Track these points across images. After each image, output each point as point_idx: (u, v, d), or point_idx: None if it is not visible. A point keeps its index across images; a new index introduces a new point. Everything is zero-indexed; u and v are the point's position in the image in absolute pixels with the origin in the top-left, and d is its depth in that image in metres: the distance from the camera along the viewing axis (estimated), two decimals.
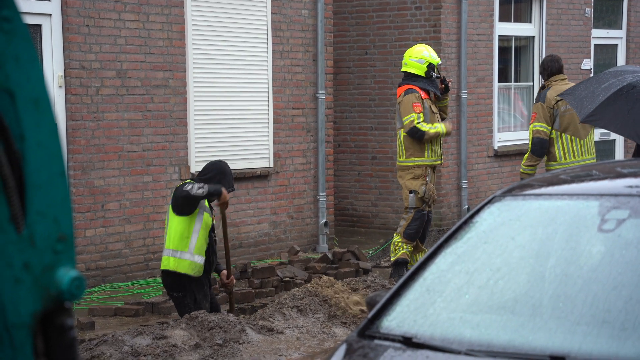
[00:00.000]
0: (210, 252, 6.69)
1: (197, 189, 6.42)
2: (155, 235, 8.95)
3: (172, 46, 8.99)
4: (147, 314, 7.50)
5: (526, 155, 8.67)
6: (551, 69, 8.68)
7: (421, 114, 8.51)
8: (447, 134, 8.69)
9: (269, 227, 10.00)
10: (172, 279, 6.61)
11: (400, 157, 8.72)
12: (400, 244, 8.68)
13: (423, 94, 8.60)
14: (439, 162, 8.76)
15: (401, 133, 8.63)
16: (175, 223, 6.58)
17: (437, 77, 8.68)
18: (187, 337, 6.17)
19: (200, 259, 6.59)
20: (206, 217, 6.64)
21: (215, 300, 6.94)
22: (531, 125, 8.58)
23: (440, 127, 8.59)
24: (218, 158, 7.48)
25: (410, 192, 8.61)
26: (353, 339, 3.11)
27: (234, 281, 7.12)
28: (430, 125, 8.54)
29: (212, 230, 6.73)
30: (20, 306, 1.54)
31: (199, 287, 6.63)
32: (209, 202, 6.70)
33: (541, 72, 8.85)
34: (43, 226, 1.58)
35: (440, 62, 8.82)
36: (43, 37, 8.13)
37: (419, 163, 8.61)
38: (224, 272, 6.94)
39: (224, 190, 6.53)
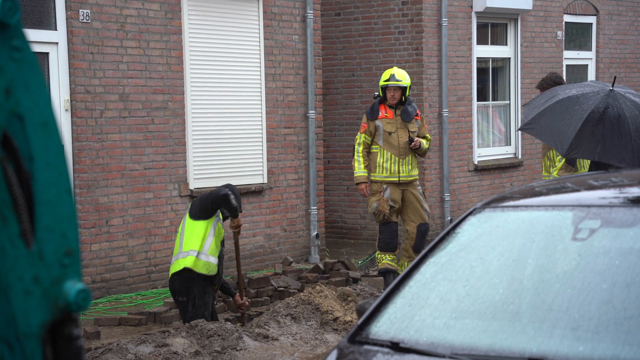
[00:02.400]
0: (220, 262, 6.72)
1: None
2: (157, 248, 8.93)
3: (171, 71, 9.00)
4: (150, 323, 7.47)
5: (560, 165, 8.47)
6: (555, 83, 8.61)
7: (362, 135, 8.58)
8: (356, 181, 8.61)
9: (264, 239, 9.99)
10: (179, 284, 6.59)
11: None
12: (379, 255, 8.74)
13: (381, 114, 8.59)
14: (395, 179, 8.56)
15: None
16: (192, 227, 6.61)
17: (376, 96, 8.64)
18: (187, 345, 6.15)
19: (214, 260, 6.62)
20: (219, 226, 6.73)
21: (214, 310, 6.95)
22: None
23: (358, 171, 8.54)
24: (225, 181, 7.50)
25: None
26: (344, 345, 3.11)
27: (247, 303, 7.11)
28: (359, 157, 8.56)
29: (221, 242, 6.75)
30: (31, 317, 1.54)
31: (201, 294, 6.64)
32: (223, 216, 6.77)
33: (547, 88, 8.64)
34: (51, 241, 1.58)
35: (386, 84, 8.48)
36: (50, 64, 8.13)
37: (373, 178, 8.63)
38: (237, 296, 7.01)
39: (239, 219, 6.74)
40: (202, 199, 6.73)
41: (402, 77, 8.57)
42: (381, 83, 8.60)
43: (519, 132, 12.62)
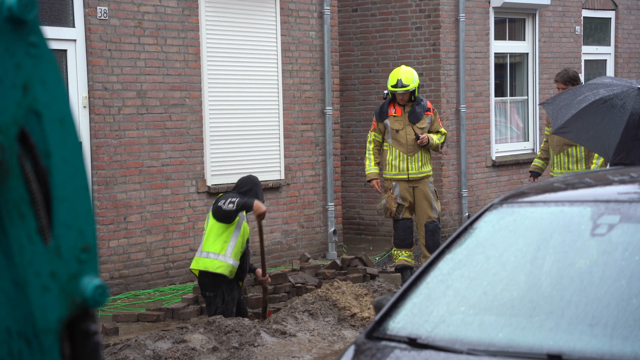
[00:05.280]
0: (244, 259, 6.86)
1: (227, 204, 6.64)
2: (175, 245, 8.95)
3: (188, 67, 9.01)
4: (168, 320, 7.49)
5: (600, 161, 8.40)
6: (573, 79, 8.53)
7: (372, 133, 8.67)
8: (367, 178, 8.74)
9: (281, 235, 10.00)
10: (207, 279, 6.80)
11: None
12: (395, 252, 8.75)
13: (390, 112, 8.59)
14: (404, 176, 8.58)
15: None
16: (216, 228, 6.80)
17: (386, 95, 8.63)
18: (205, 341, 6.17)
19: (235, 263, 6.80)
20: (244, 226, 6.87)
21: (243, 305, 7.08)
22: None
23: (368, 169, 8.65)
24: (249, 173, 7.57)
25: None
26: (361, 341, 3.11)
27: (269, 279, 7.35)
28: (370, 155, 8.66)
29: (247, 240, 6.89)
30: (48, 313, 1.55)
31: (229, 290, 6.80)
32: (246, 214, 6.89)
33: (571, 82, 8.51)
34: (68, 237, 1.59)
35: (394, 90, 8.43)
36: (68, 61, 8.16)
37: (384, 176, 8.68)
38: (259, 270, 7.20)
39: (256, 202, 6.74)
40: (214, 208, 6.81)
41: (409, 80, 8.45)
42: (389, 87, 8.54)
43: (537, 127, 12.56)
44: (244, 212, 6.88)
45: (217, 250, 6.72)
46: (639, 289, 2.81)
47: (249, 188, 6.95)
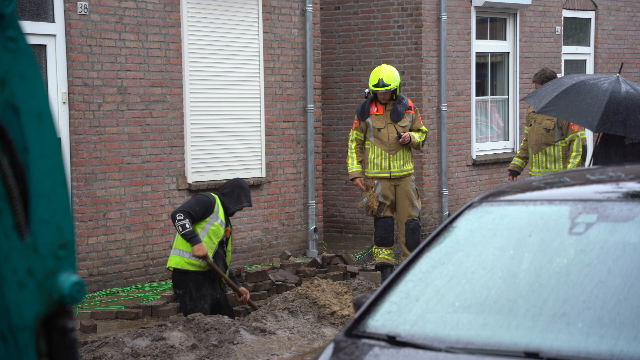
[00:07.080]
0: (218, 261, 6.77)
1: (179, 223, 6.53)
2: (154, 242, 8.92)
3: (169, 64, 8.98)
4: (147, 317, 7.47)
5: (577, 161, 8.48)
6: (551, 78, 8.64)
7: (354, 131, 8.68)
8: (350, 177, 8.71)
9: (262, 233, 9.99)
10: (176, 277, 6.75)
11: None
12: (376, 250, 8.78)
13: (372, 110, 8.61)
14: (386, 174, 8.59)
15: None
16: None
17: (367, 94, 8.62)
18: (184, 339, 6.15)
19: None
20: (215, 226, 6.73)
21: (227, 305, 7.01)
22: (579, 133, 8.46)
23: (351, 167, 8.65)
24: (224, 176, 7.56)
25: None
26: (341, 339, 3.11)
27: (245, 289, 7.12)
28: (352, 154, 8.64)
29: (221, 242, 6.78)
30: (24, 309, 1.54)
31: (197, 287, 6.72)
32: (225, 218, 6.78)
33: (544, 81, 8.54)
34: (46, 233, 1.58)
35: (376, 90, 8.43)
36: (48, 56, 8.11)
37: (366, 174, 8.70)
38: (236, 294, 7.03)
39: (198, 245, 6.54)
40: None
41: (391, 79, 8.44)
42: (370, 86, 8.54)
43: (517, 126, 12.62)
44: (221, 215, 6.78)
45: (182, 247, 6.67)
46: (616, 287, 2.83)
47: (230, 190, 6.89)
